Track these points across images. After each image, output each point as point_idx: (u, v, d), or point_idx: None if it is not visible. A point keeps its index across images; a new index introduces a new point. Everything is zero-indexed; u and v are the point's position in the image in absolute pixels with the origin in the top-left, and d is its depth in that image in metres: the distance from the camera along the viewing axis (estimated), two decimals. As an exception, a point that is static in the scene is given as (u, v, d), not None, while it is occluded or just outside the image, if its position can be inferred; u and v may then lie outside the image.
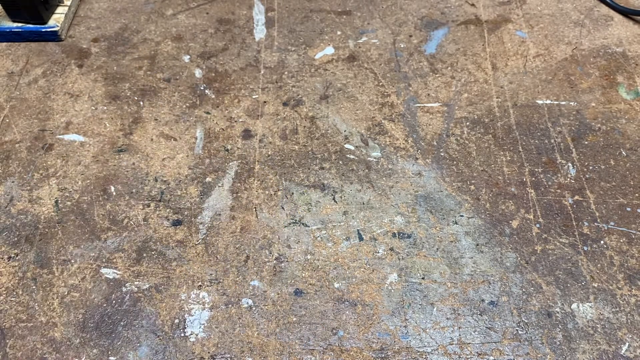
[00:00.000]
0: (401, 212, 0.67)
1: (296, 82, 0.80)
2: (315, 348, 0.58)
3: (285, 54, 0.84)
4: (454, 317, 0.60)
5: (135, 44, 0.85)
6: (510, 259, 0.63)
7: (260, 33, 0.86)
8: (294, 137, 0.74)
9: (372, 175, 0.71)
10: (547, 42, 0.84)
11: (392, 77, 0.80)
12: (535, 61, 0.82)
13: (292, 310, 0.60)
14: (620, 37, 0.84)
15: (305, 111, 0.77)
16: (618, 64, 0.81)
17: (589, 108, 0.76)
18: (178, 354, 0.58)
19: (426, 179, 0.70)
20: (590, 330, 0.59)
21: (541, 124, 0.75)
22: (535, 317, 0.59)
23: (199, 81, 0.81)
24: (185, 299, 0.61)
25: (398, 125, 0.75)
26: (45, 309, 0.61)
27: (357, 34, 0.86)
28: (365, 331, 0.59)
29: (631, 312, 0.60)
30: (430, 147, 0.73)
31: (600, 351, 0.57)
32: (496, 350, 0.58)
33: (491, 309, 0.60)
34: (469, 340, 0.58)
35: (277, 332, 0.59)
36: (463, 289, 0.61)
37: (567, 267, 0.63)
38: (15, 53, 0.85)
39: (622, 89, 0.78)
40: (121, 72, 0.82)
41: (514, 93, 0.78)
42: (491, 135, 0.74)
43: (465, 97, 0.78)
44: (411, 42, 0.85)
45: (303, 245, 0.65)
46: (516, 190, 0.69)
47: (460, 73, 0.81)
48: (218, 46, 0.85)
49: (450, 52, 0.83)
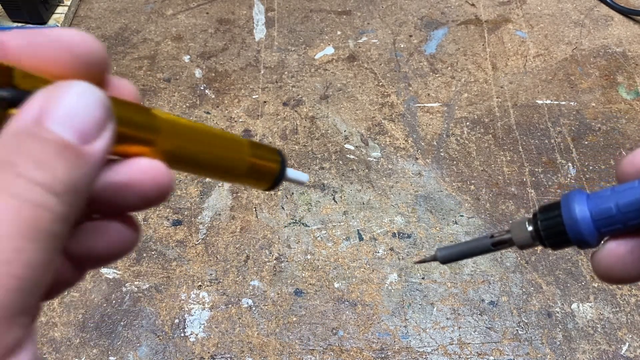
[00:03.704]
0: (401, 212, 0.67)
1: (296, 82, 0.80)
2: (315, 348, 0.58)
3: (285, 53, 0.84)
4: (454, 317, 0.60)
5: (135, 44, 0.85)
6: (510, 259, 0.63)
7: (260, 33, 0.86)
8: (294, 137, 0.74)
9: (372, 175, 0.70)
10: (547, 42, 0.84)
11: (392, 77, 0.80)
12: (535, 61, 0.82)
13: (292, 310, 0.60)
14: (620, 37, 0.84)
15: (305, 111, 0.77)
16: (618, 64, 0.81)
17: (589, 108, 0.76)
18: (178, 354, 0.58)
19: (426, 179, 0.70)
20: (590, 330, 0.59)
21: (541, 124, 0.75)
22: (535, 317, 0.59)
23: (198, 81, 0.81)
24: (185, 299, 0.61)
25: (398, 125, 0.75)
26: (45, 309, 0.61)
27: (357, 34, 0.86)
28: (365, 331, 0.59)
29: (631, 312, 0.60)
30: (430, 147, 0.73)
31: (600, 351, 0.57)
32: (496, 350, 0.58)
33: (491, 308, 0.60)
34: (469, 340, 0.58)
35: (277, 332, 0.59)
36: (463, 289, 0.61)
37: (567, 267, 0.63)
38: (15, 53, 0.85)
39: (622, 89, 0.78)
40: (121, 72, 0.82)
41: (514, 93, 0.78)
42: (491, 135, 0.74)
43: (465, 97, 0.78)
44: (411, 42, 0.85)
45: (303, 245, 0.65)
46: (516, 190, 0.69)
47: (460, 73, 0.81)
48: (218, 46, 0.85)
49: (450, 52, 0.83)
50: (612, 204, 0.22)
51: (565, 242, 0.24)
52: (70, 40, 0.18)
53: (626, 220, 0.22)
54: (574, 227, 0.23)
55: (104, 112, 0.16)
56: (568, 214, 0.23)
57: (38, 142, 0.15)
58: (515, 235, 0.26)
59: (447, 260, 0.28)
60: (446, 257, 0.28)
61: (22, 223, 0.14)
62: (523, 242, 0.25)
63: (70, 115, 0.15)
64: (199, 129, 0.21)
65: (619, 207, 0.22)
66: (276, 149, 0.25)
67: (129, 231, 0.20)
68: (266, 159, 0.24)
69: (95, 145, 0.16)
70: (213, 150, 0.21)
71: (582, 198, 0.23)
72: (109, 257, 0.20)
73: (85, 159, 0.16)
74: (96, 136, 0.16)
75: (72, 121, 0.15)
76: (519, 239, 0.25)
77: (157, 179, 0.19)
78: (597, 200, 0.23)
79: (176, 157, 0.20)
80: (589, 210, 0.23)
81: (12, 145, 0.15)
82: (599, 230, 0.23)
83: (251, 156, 0.23)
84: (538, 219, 0.24)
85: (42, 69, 0.17)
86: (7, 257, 0.14)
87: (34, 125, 0.15)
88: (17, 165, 0.14)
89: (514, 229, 0.26)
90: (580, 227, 0.23)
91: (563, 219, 0.23)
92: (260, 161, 0.24)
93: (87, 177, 0.16)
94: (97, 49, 0.19)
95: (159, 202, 0.19)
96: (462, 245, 0.28)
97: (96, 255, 0.19)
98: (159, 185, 0.19)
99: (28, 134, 0.15)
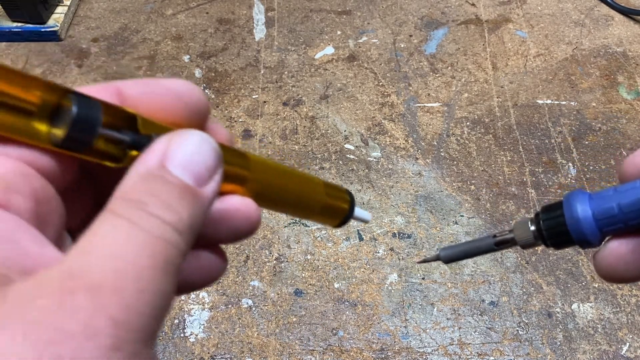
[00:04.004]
0: (401, 212, 0.67)
1: (296, 82, 0.80)
2: (315, 348, 0.58)
3: (285, 53, 0.83)
4: (454, 317, 0.60)
5: (135, 44, 0.85)
6: (510, 259, 0.63)
7: (260, 33, 0.86)
8: (294, 137, 0.74)
9: (372, 175, 0.70)
10: (548, 42, 0.84)
11: (392, 77, 0.80)
12: (536, 61, 0.82)
13: (292, 311, 0.60)
14: (620, 37, 0.84)
15: (305, 111, 0.77)
16: (618, 64, 0.81)
17: (589, 108, 0.76)
18: (178, 354, 0.57)
19: (426, 179, 0.70)
20: (590, 330, 0.59)
21: (542, 124, 0.75)
22: (535, 318, 0.59)
23: (198, 81, 0.80)
24: (185, 299, 0.61)
25: (398, 125, 0.75)
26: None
27: (357, 33, 0.86)
28: (365, 331, 0.59)
29: (632, 312, 0.59)
30: (430, 147, 0.73)
31: (600, 351, 0.57)
32: (496, 351, 0.57)
33: (491, 309, 0.60)
34: (469, 340, 0.58)
35: (277, 332, 0.59)
36: (463, 289, 0.61)
37: (567, 267, 0.63)
38: (15, 53, 0.85)
39: (622, 89, 0.78)
40: (121, 72, 0.82)
41: (514, 93, 0.78)
42: (491, 135, 0.74)
43: (466, 97, 0.78)
44: (411, 42, 0.85)
45: (303, 245, 0.65)
46: (517, 191, 0.68)
47: (460, 73, 0.81)
48: (218, 46, 0.85)
49: (450, 51, 0.83)
50: (614, 203, 0.22)
51: (567, 241, 0.24)
52: (179, 90, 0.20)
53: (628, 220, 0.22)
54: (577, 226, 0.23)
55: (217, 158, 0.18)
56: (570, 214, 0.23)
57: (163, 184, 0.17)
58: (518, 235, 0.26)
59: (450, 260, 0.28)
60: (449, 257, 0.28)
61: (157, 257, 0.16)
62: (525, 242, 0.25)
63: (189, 161, 0.18)
64: (283, 169, 0.23)
65: (621, 207, 0.22)
66: (346, 189, 0.27)
67: (219, 260, 0.22)
68: (338, 198, 0.26)
69: (208, 188, 0.18)
70: (295, 190, 0.24)
71: (585, 198, 0.23)
72: (201, 285, 0.22)
73: (202, 200, 0.18)
74: (209, 179, 0.18)
75: (190, 166, 0.18)
76: (522, 238, 0.25)
77: (249, 215, 0.21)
78: (599, 200, 0.23)
79: (263, 195, 0.22)
80: (591, 210, 0.23)
81: (141, 186, 0.17)
82: (601, 230, 0.23)
83: (326, 195, 0.25)
84: (540, 218, 0.24)
85: (155, 114, 0.20)
86: (145, 287, 0.15)
87: (158, 169, 0.17)
88: (147, 204, 0.16)
89: (516, 228, 0.26)
90: (583, 227, 0.23)
91: (565, 219, 0.23)
92: (333, 200, 0.26)
93: (202, 216, 0.18)
94: (201, 99, 0.21)
95: (248, 236, 0.22)
96: (464, 245, 0.28)
97: (190, 283, 0.21)
98: (249, 220, 0.21)
99: (154, 177, 0.17)
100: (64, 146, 0.18)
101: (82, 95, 0.18)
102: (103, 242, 0.15)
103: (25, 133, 0.18)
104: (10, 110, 0.17)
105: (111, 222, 0.16)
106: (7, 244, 0.16)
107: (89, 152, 0.18)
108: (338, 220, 0.27)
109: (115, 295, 0.15)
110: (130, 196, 0.16)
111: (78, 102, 0.18)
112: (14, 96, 0.17)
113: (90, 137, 0.18)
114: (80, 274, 0.15)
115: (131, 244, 0.16)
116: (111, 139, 0.18)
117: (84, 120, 0.18)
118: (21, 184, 0.17)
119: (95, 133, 0.18)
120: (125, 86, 0.20)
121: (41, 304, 0.14)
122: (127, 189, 0.17)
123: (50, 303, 0.14)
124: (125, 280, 0.15)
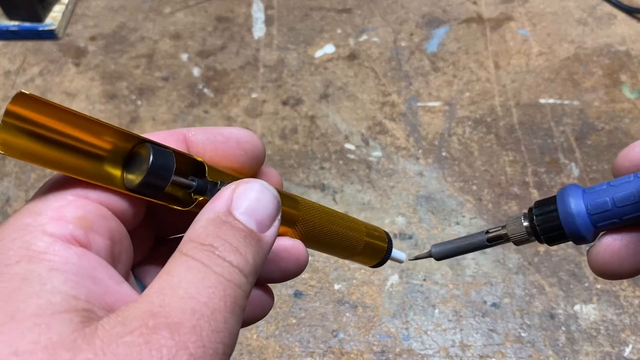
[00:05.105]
0: (402, 212, 0.67)
1: (296, 81, 0.79)
2: (315, 350, 0.57)
3: (284, 52, 0.83)
4: (455, 319, 0.59)
5: (133, 43, 0.84)
6: (512, 260, 0.63)
7: (260, 31, 0.86)
8: (293, 137, 0.74)
9: (373, 175, 0.70)
10: (550, 41, 0.83)
11: (393, 76, 0.80)
12: (538, 60, 0.81)
13: (291, 312, 0.60)
14: (623, 35, 0.83)
15: (305, 110, 0.76)
16: (621, 63, 0.80)
17: (592, 107, 0.76)
18: (176, 356, 0.57)
19: (427, 179, 0.69)
20: (593, 332, 0.58)
21: (544, 123, 0.74)
22: (538, 319, 0.59)
23: (197, 80, 0.80)
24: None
25: (399, 124, 0.75)
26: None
27: (358, 32, 0.85)
28: (365, 333, 0.58)
29: (634, 313, 0.59)
30: (431, 146, 0.72)
31: (603, 353, 0.57)
32: (498, 353, 0.57)
33: (493, 310, 0.59)
34: (470, 342, 0.58)
35: (277, 334, 0.58)
36: (465, 291, 0.61)
37: (570, 268, 0.62)
38: (12, 51, 0.84)
39: (625, 88, 0.78)
40: (118, 70, 0.81)
41: (516, 92, 0.77)
42: (493, 134, 0.73)
43: (467, 96, 0.77)
44: (412, 41, 0.84)
45: (303, 246, 0.64)
46: (519, 191, 0.68)
47: (462, 72, 0.80)
48: (217, 44, 0.84)
49: (452, 50, 0.82)
50: (608, 198, 0.22)
51: (561, 237, 0.23)
52: (240, 138, 0.22)
53: (622, 214, 0.21)
54: (570, 221, 0.22)
55: (277, 205, 0.20)
56: (564, 209, 0.23)
57: (230, 229, 0.18)
58: (511, 231, 0.25)
59: (442, 257, 0.28)
60: (441, 254, 0.28)
61: (227, 299, 0.17)
62: (518, 238, 0.25)
63: (254, 208, 0.19)
64: (328, 211, 0.25)
65: (614, 201, 0.21)
66: (384, 231, 0.28)
67: (268, 298, 0.24)
68: (377, 238, 0.27)
69: (269, 233, 0.20)
70: (339, 230, 0.25)
71: (578, 192, 0.23)
72: (251, 321, 0.24)
73: (264, 244, 0.19)
74: (270, 225, 0.20)
75: (255, 213, 0.19)
76: (514, 234, 0.25)
77: (298, 256, 0.23)
78: (593, 194, 0.22)
79: (311, 236, 0.24)
80: (585, 204, 0.22)
81: (211, 230, 0.18)
82: (595, 225, 0.22)
83: (366, 236, 0.26)
84: (533, 213, 0.24)
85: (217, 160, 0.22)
86: (219, 327, 0.17)
87: (226, 215, 0.19)
88: (218, 248, 0.18)
89: (509, 224, 0.25)
90: (576, 222, 0.22)
91: (559, 214, 0.23)
92: (373, 241, 0.27)
93: (264, 260, 0.19)
94: (259, 146, 0.23)
95: (295, 276, 0.23)
96: (457, 241, 0.28)
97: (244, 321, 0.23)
98: (298, 261, 0.23)
99: (222, 222, 0.19)
100: (139, 191, 0.19)
101: (156, 144, 0.20)
102: (180, 282, 0.17)
103: (101, 177, 0.19)
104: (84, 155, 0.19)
105: (186, 263, 0.17)
106: (90, 281, 0.17)
107: (160, 197, 0.20)
108: (377, 260, 0.28)
109: (193, 334, 0.16)
110: (201, 240, 0.18)
111: (154, 151, 0.19)
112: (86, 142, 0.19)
113: (164, 184, 0.19)
114: (161, 312, 0.16)
115: (205, 285, 0.17)
116: (181, 185, 0.20)
117: (160, 168, 0.19)
118: (100, 224, 0.19)
119: (169, 180, 0.19)
120: (190, 133, 0.22)
121: (129, 341, 0.15)
122: (198, 233, 0.18)
123: (136, 340, 0.15)
124: (202, 319, 0.16)
